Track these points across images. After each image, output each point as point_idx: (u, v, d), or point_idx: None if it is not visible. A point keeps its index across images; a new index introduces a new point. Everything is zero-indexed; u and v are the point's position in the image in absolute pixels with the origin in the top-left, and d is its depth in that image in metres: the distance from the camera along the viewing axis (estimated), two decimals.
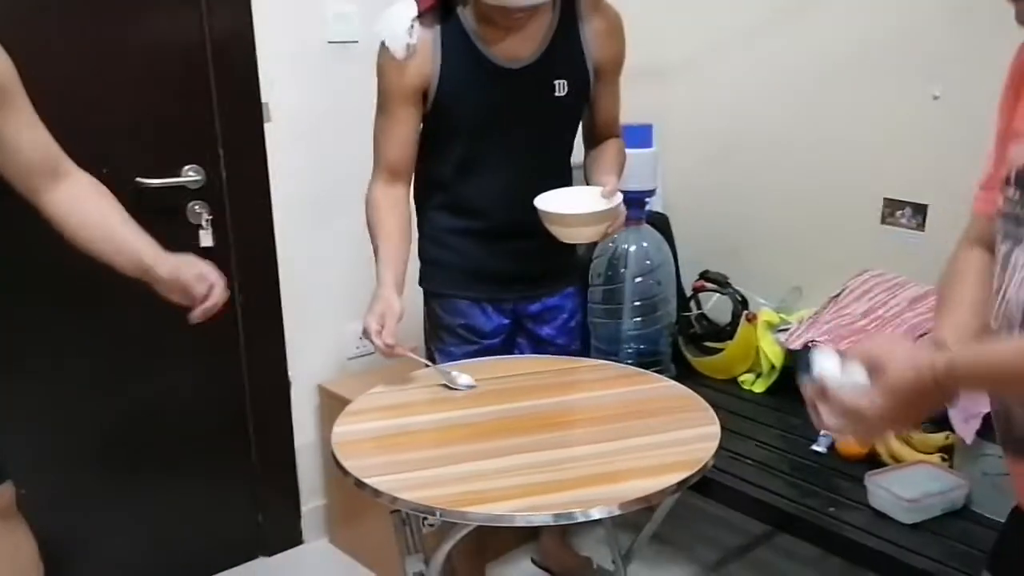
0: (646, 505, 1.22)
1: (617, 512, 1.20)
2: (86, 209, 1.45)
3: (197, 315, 1.46)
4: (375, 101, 1.68)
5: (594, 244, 2.09)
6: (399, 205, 1.69)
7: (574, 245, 1.92)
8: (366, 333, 1.54)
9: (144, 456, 2.15)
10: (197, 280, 1.45)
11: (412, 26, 1.57)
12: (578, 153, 1.90)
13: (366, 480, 1.25)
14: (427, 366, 1.62)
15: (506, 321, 1.82)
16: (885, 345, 0.96)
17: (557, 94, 1.68)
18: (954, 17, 2.10)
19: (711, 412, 1.44)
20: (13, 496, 1.53)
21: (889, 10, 2.23)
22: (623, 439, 1.37)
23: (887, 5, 2.23)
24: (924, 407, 0.95)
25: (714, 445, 1.33)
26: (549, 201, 1.63)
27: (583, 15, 1.67)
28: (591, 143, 1.87)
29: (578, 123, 1.81)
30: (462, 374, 1.56)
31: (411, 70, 1.59)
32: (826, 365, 0.97)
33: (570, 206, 1.62)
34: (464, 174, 1.72)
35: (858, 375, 0.95)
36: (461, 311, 1.78)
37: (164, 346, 2.13)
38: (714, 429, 1.38)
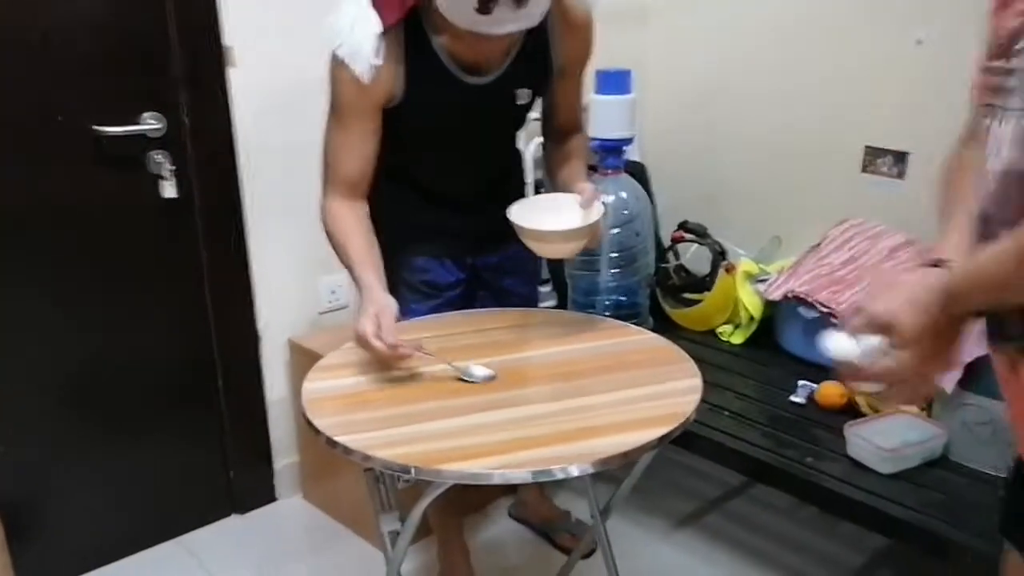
0: (626, 462, 1.20)
1: (595, 470, 1.17)
2: None
3: None
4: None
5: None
6: (363, 217, 1.57)
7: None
8: (362, 340, 1.37)
9: (110, 414, 2.09)
10: None
11: (377, 45, 1.43)
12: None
13: (337, 438, 1.21)
14: (446, 364, 1.44)
15: (463, 275, 1.77)
16: (884, 303, 0.97)
17: (519, 103, 1.61)
18: None
19: (692, 364, 1.41)
20: None
21: None
22: (601, 393, 1.34)
23: None
24: (951, 338, 0.97)
25: (695, 398, 1.30)
26: (523, 213, 1.52)
27: (551, 19, 1.53)
28: (554, 137, 1.76)
29: None
30: (478, 366, 1.42)
31: (373, 87, 1.46)
32: (839, 346, 0.99)
33: (548, 220, 1.50)
34: (422, 168, 1.67)
35: (874, 341, 0.97)
36: (420, 267, 1.73)
37: (128, 300, 2.06)
38: (695, 382, 1.35)
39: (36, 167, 1.88)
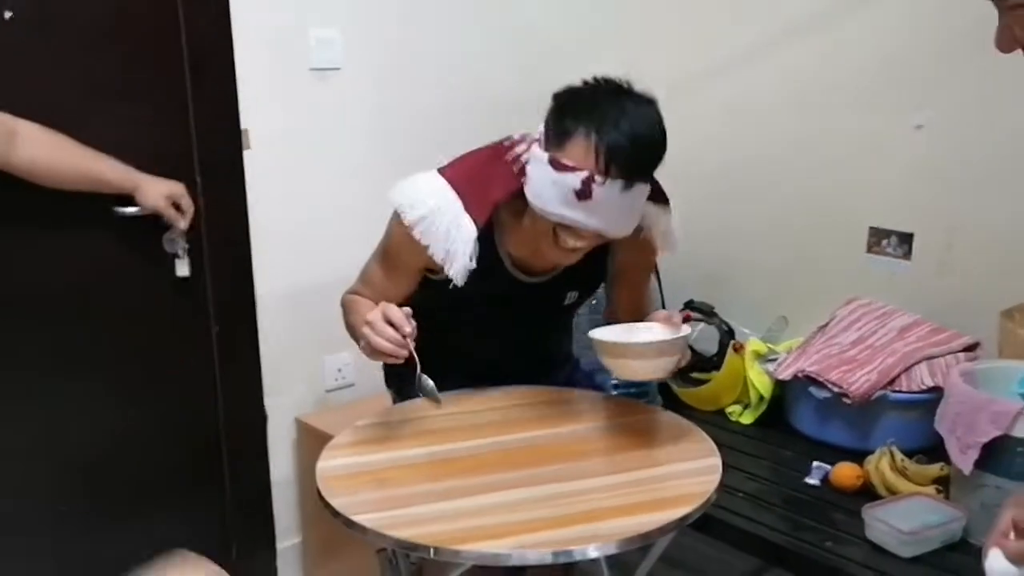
0: (646, 543, 1.18)
1: (615, 551, 1.15)
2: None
3: None
4: (380, 244, 1.55)
5: None
6: None
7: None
8: (368, 335, 1.33)
9: (111, 491, 2.06)
10: None
11: (474, 249, 1.41)
12: None
13: (355, 518, 1.19)
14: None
15: None
16: None
17: (565, 303, 1.61)
18: (936, 46, 2.11)
19: (710, 443, 1.40)
20: None
21: (870, 39, 2.24)
22: (620, 472, 1.33)
23: (868, 34, 2.24)
24: None
25: (716, 478, 1.29)
26: (606, 333, 1.45)
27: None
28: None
29: None
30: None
31: (430, 261, 1.46)
32: (997, 567, 0.98)
33: (632, 337, 1.43)
34: (458, 330, 1.62)
35: None
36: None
37: (136, 376, 2.05)
38: (714, 461, 1.34)
39: (54, 243, 1.90)
